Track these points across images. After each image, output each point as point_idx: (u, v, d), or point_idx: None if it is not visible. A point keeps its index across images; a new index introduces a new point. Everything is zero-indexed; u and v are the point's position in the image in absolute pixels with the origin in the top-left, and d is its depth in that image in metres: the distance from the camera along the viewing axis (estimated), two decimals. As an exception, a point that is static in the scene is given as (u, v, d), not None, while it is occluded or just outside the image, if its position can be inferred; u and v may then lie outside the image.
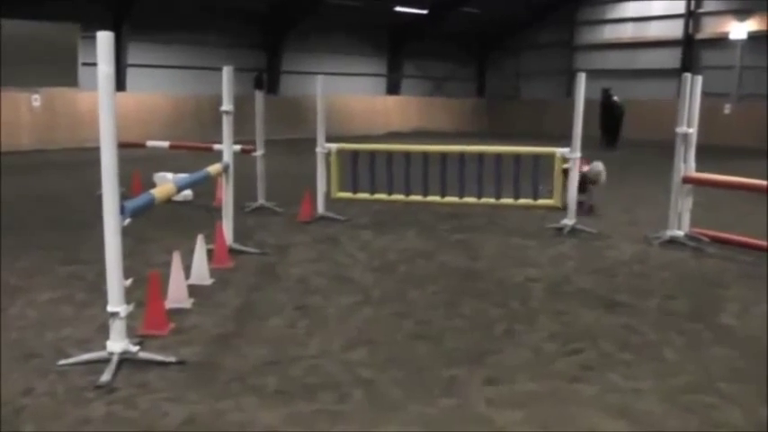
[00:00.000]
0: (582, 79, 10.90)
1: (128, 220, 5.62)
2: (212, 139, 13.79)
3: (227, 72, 9.14)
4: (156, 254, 9.16)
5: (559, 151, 10.93)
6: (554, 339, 6.26)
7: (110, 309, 5.58)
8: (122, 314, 5.58)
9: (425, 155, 11.48)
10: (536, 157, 11.11)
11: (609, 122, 29.23)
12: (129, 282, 5.69)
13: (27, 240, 10.19)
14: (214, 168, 8.76)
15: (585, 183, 12.11)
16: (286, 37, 34.35)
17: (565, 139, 11.29)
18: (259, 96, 12.79)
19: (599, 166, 12.68)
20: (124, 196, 5.67)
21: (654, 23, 36.66)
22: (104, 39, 5.42)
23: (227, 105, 9.14)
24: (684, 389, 5.24)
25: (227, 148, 9.26)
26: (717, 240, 10.11)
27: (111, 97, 5.44)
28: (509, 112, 41.44)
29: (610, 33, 38.52)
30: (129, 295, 5.71)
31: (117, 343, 5.59)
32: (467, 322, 6.73)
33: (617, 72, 36.35)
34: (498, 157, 11.24)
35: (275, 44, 34.29)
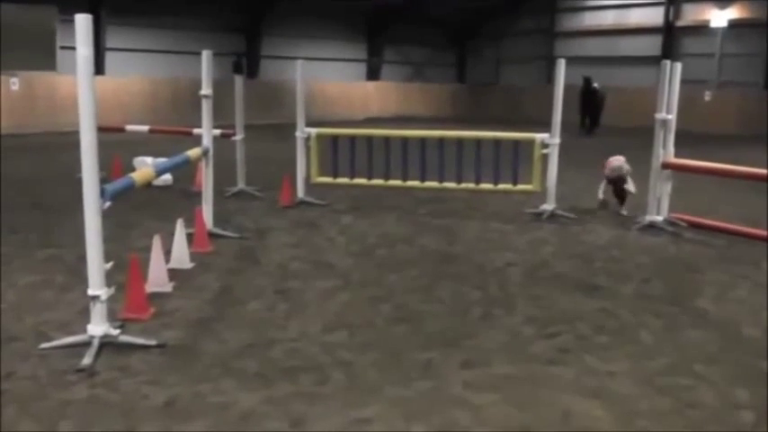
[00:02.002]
0: (562, 66, 10.96)
1: (108, 204, 5.63)
2: (191, 124, 13.78)
3: (206, 56, 9.12)
4: (136, 238, 9.16)
5: (539, 137, 10.98)
6: (531, 323, 6.33)
7: (90, 292, 5.60)
8: (103, 297, 5.60)
9: (405, 140, 11.51)
10: (516, 142, 11.16)
11: (589, 109, 29.38)
12: (109, 265, 5.71)
13: (4, 224, 10.15)
14: (194, 152, 8.75)
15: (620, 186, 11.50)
16: (265, 21, 34.19)
17: (544, 125, 11.35)
18: (238, 81, 12.76)
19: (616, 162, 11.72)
20: (104, 180, 5.68)
21: (634, 10, 36.71)
22: (83, 21, 5.41)
23: (206, 89, 9.12)
24: (660, 371, 5.33)
25: (207, 132, 9.25)
26: (695, 225, 10.22)
27: (90, 80, 5.44)
28: (489, 98, 41.44)
29: (590, 20, 38.54)
30: (109, 279, 5.72)
31: (98, 326, 5.60)
32: (445, 306, 6.80)
33: (597, 59, 36.40)
34: (478, 142, 11.29)
35: (254, 28, 34.13)
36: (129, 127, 15.13)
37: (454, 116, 38.63)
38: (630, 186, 11.43)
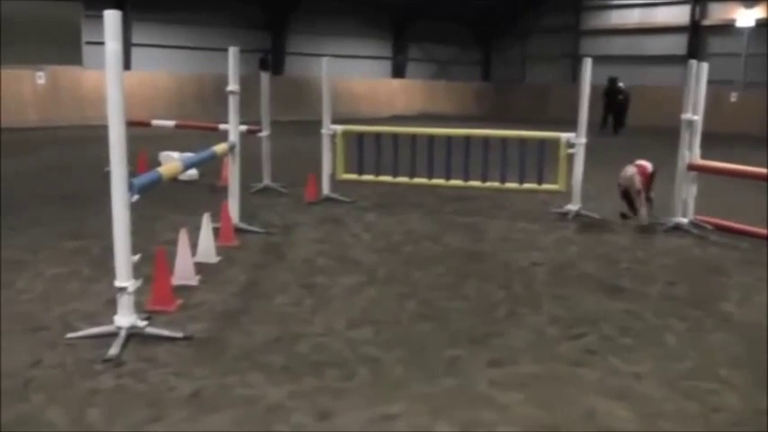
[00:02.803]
0: (588, 65, 10.90)
1: (135, 197, 5.66)
2: (216, 119, 13.85)
3: (232, 53, 9.15)
4: (162, 232, 9.22)
5: (564, 136, 10.95)
6: (557, 323, 6.30)
7: (117, 284, 5.64)
8: (130, 289, 5.64)
9: (431, 138, 11.51)
10: (541, 141, 11.13)
11: (613, 109, 29.24)
12: (136, 257, 5.75)
13: (32, 216, 10.28)
14: (220, 148, 8.79)
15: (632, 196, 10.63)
16: (291, 18, 34.29)
17: (570, 125, 11.30)
18: (264, 77, 12.82)
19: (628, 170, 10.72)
20: (131, 174, 5.71)
21: (660, 9, 36.52)
22: (112, 17, 5.45)
23: (233, 86, 9.16)
24: (685, 374, 5.28)
25: (233, 127, 9.30)
26: (720, 228, 10.14)
27: (119, 75, 5.47)
28: (514, 96, 41.30)
29: (616, 18, 38.37)
30: (136, 271, 5.76)
31: (125, 318, 5.65)
32: (470, 304, 6.79)
33: (622, 58, 36.24)
34: (503, 141, 11.27)
35: (280, 25, 34.24)
36: (156, 122, 15.23)
37: (479, 114, 38.57)
38: (642, 210, 10.38)
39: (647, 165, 10.68)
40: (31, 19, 26.42)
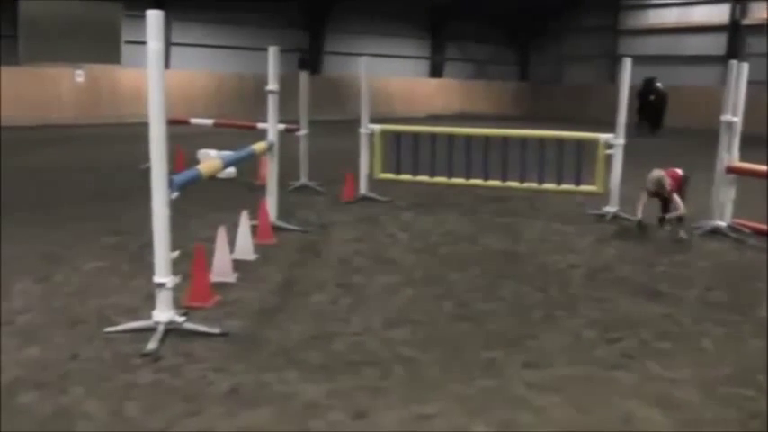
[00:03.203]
0: (627, 65, 10.81)
1: (175, 194, 5.72)
2: (254, 118, 13.93)
3: (272, 52, 9.20)
4: (199, 228, 9.28)
5: (603, 137, 10.87)
6: (594, 326, 6.25)
7: (156, 279, 5.71)
8: (169, 285, 5.71)
9: (469, 138, 11.48)
10: (579, 142, 11.06)
11: (649, 110, 28.95)
12: (175, 254, 5.80)
13: (69, 211, 10.47)
14: (259, 146, 8.85)
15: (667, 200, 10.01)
16: (329, 17, 34.38)
17: (607, 125, 11.22)
18: (303, 76, 12.87)
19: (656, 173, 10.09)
20: (169, 171, 5.76)
21: (699, 8, 36.01)
22: (154, 17, 5.51)
23: (272, 85, 9.20)
24: (722, 380, 5.21)
25: (272, 126, 9.35)
26: (758, 232, 10.00)
27: (160, 74, 5.53)
28: (551, 96, 41.10)
29: (654, 18, 37.93)
30: (174, 267, 5.82)
31: (163, 313, 5.71)
32: (507, 305, 6.77)
33: (660, 58, 35.80)
34: (541, 141, 11.21)
35: (318, 24, 34.33)
36: (194, 120, 15.33)
37: (516, 115, 38.43)
38: (679, 206, 9.71)
39: (678, 170, 10.19)
40: (71, 18, 26.77)
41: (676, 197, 9.71)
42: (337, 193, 12.06)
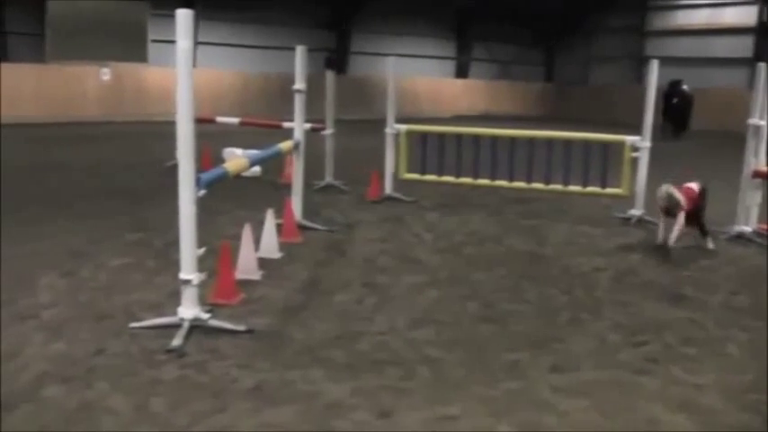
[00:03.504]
0: (655, 67, 10.73)
1: (202, 192, 5.74)
2: (279, 117, 13.96)
3: (300, 52, 9.21)
4: (224, 226, 9.32)
5: (629, 139, 10.80)
6: (619, 330, 6.21)
7: (182, 276, 5.74)
8: (195, 282, 5.72)
9: (494, 139, 11.45)
10: (605, 144, 10.99)
11: (676, 112, 28.73)
12: (201, 251, 5.83)
13: (94, 208, 10.56)
14: (285, 145, 8.87)
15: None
16: (356, 17, 34.42)
17: (632, 127, 11.13)
18: (330, 76, 12.88)
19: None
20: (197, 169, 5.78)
21: (727, 10, 35.65)
22: (184, 16, 5.54)
23: (299, 84, 9.22)
24: (747, 387, 5.16)
25: (299, 126, 9.36)
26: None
27: (188, 72, 5.56)
28: (577, 97, 40.91)
29: (682, 19, 37.60)
30: (200, 264, 5.84)
31: (188, 309, 5.74)
32: (532, 307, 6.74)
33: (687, 59, 35.49)
34: (567, 143, 11.16)
35: (344, 24, 34.38)
36: (220, 119, 15.38)
37: (541, 115, 38.30)
38: (680, 225, 8.98)
39: (693, 186, 9.45)
40: (98, 16, 27.00)
41: (681, 216, 8.96)
42: (362, 193, 12.07)
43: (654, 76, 10.71)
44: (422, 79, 36.40)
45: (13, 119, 24.88)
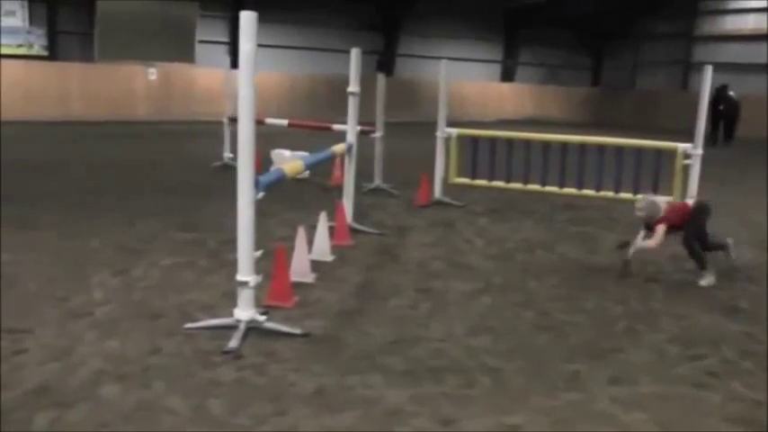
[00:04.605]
0: (708, 73, 10.56)
1: (261, 194, 5.74)
2: (326, 119, 13.99)
3: (355, 54, 9.21)
4: (274, 228, 9.36)
5: (681, 147, 10.66)
6: (675, 342, 6.11)
7: (239, 278, 5.74)
8: (252, 284, 5.73)
9: (546, 144, 11.37)
10: (658, 151, 10.86)
11: (723, 119, 28.30)
12: (259, 253, 5.84)
13: (144, 206, 10.69)
14: (339, 148, 8.86)
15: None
16: (403, 19, 34.44)
17: (678, 133, 10.96)
18: (381, 79, 12.88)
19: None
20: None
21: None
22: (248, 18, 5.54)
23: (353, 87, 9.22)
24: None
25: (352, 128, 9.36)
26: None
27: (251, 74, 5.55)
28: (622, 102, 40.45)
29: (731, 24, 37.01)
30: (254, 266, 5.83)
31: (245, 311, 5.74)
32: (588, 317, 6.66)
33: (735, 65, 34.88)
34: (619, 149, 11.03)
35: (392, 26, 34.41)
36: (269, 120, 15.44)
37: (587, 120, 37.98)
38: (657, 238, 7.97)
39: (688, 202, 8.83)
40: (147, 17, 27.32)
41: (660, 229, 8.02)
42: (411, 196, 12.05)
43: (707, 82, 10.57)
44: (468, 82, 36.28)
45: (62, 117, 25.30)
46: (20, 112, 24.55)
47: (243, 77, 5.55)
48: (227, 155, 14.90)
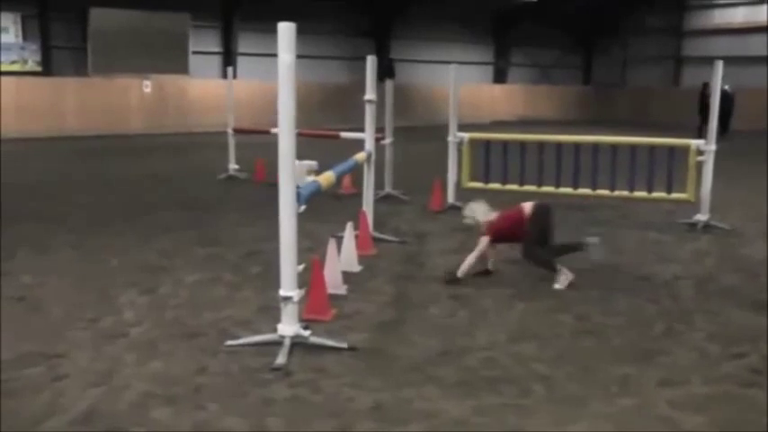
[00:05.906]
0: (719, 68, 10.62)
1: (303, 207, 5.71)
2: (319, 126, 13.94)
3: (370, 61, 9.22)
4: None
5: (694, 143, 10.70)
6: (715, 340, 6.12)
7: (282, 293, 5.68)
8: (295, 299, 5.67)
9: (558, 145, 11.38)
10: (671, 148, 10.89)
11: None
12: (301, 267, 5.80)
13: (158, 222, 10.65)
14: (360, 156, 8.84)
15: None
16: (393, 25, 34.43)
17: (671, 129, 10.98)
18: (389, 84, 12.88)
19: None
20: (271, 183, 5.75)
21: (766, 8, 35.22)
22: (286, 29, 5.54)
23: (370, 94, 9.19)
24: None
25: (369, 136, 9.33)
26: None
27: (291, 86, 5.54)
28: (614, 100, 40.59)
29: (720, 18, 37.19)
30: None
31: (289, 327, 5.69)
32: (625, 319, 6.66)
33: (726, 59, 34.85)
34: (632, 148, 11.05)
35: (383, 32, 34.38)
36: (274, 130, 15.38)
37: (580, 119, 37.98)
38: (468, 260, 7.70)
39: (525, 206, 7.95)
40: (140, 29, 27.26)
41: (481, 242, 7.77)
42: (423, 202, 12.03)
43: (718, 77, 10.61)
44: (460, 85, 36.10)
45: (57, 132, 25.20)
46: (14, 128, 24.43)
47: (282, 89, 5.52)
48: (233, 166, 14.85)
